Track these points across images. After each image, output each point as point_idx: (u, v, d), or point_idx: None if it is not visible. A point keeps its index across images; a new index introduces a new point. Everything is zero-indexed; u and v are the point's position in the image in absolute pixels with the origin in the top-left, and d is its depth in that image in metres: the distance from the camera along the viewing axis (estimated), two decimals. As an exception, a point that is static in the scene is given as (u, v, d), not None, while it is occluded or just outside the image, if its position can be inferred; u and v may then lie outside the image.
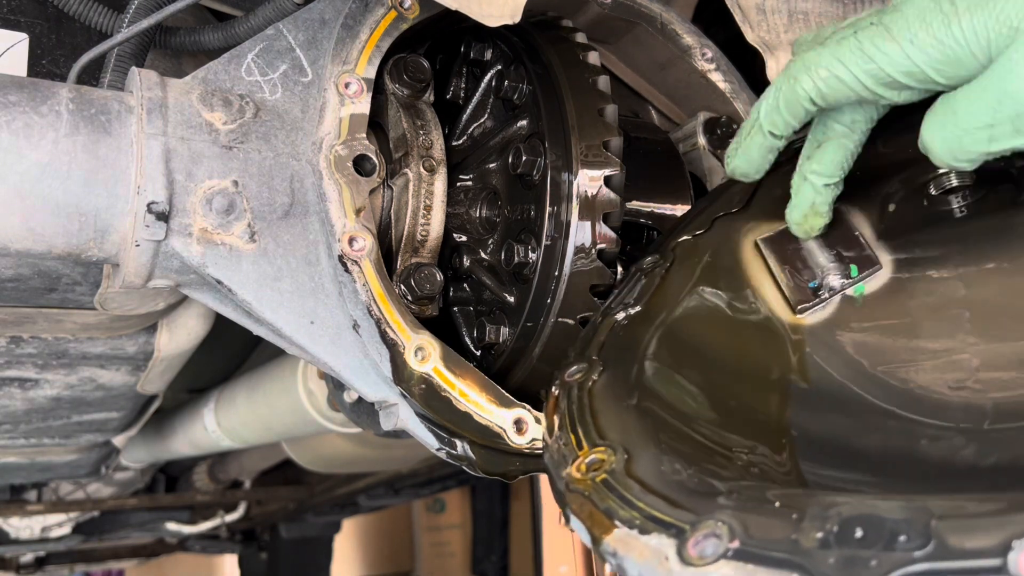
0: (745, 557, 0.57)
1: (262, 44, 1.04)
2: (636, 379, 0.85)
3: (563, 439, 0.80)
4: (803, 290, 0.89)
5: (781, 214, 0.92)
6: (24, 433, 2.17)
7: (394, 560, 6.45)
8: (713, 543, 0.59)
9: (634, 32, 1.30)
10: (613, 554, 0.65)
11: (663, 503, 0.66)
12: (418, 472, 3.54)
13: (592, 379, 0.86)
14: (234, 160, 0.98)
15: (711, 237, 0.98)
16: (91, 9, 1.14)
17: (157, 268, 0.97)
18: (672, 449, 0.74)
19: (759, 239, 0.94)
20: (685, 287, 0.94)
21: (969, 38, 0.71)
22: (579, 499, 0.71)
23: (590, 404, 0.83)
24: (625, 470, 0.71)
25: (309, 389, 2.21)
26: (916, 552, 0.51)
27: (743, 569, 0.56)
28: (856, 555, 0.53)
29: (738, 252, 0.95)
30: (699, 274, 0.95)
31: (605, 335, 0.93)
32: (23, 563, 4.12)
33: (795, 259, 0.91)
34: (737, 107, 1.32)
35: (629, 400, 0.82)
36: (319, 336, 1.01)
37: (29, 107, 0.91)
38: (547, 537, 5.12)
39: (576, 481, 0.73)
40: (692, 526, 0.62)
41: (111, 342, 1.67)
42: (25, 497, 3.48)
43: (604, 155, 1.06)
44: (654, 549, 0.62)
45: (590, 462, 0.75)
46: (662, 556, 0.61)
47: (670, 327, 0.90)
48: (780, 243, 0.93)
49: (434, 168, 1.08)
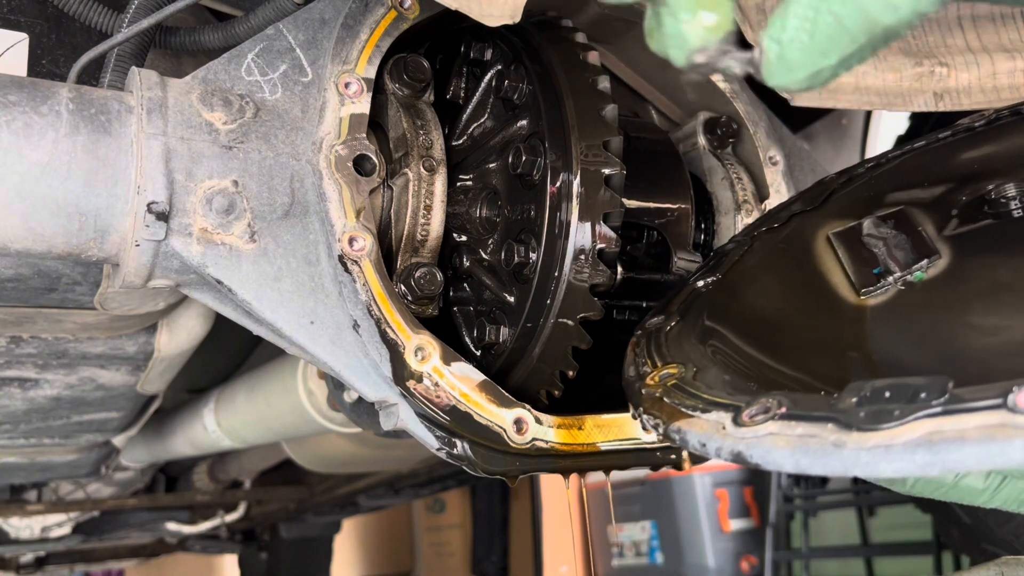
0: (789, 417, 0.69)
1: (262, 44, 1.04)
2: (706, 328, 0.97)
3: (641, 361, 0.92)
4: (867, 275, 0.98)
5: (851, 214, 1.04)
6: (24, 433, 2.17)
7: (394, 560, 6.44)
8: (764, 412, 0.71)
9: (634, 32, 1.30)
10: (677, 431, 0.78)
11: (724, 394, 0.79)
12: (418, 472, 3.54)
13: (669, 326, 0.98)
14: (234, 160, 0.98)
15: (788, 229, 1.09)
16: (91, 9, 1.14)
17: (157, 268, 0.97)
18: (734, 370, 0.86)
19: (831, 233, 1.05)
20: (760, 266, 1.06)
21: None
22: (652, 399, 0.84)
23: (665, 340, 0.96)
24: (693, 378, 0.85)
25: (309, 389, 2.21)
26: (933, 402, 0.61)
27: (787, 425, 0.68)
28: (883, 408, 0.63)
29: (811, 242, 1.06)
30: (774, 257, 1.07)
31: (684, 296, 1.04)
32: (23, 563, 4.12)
33: (862, 250, 1.01)
34: (737, 107, 1.32)
35: (699, 342, 0.95)
36: (319, 336, 1.01)
37: (29, 107, 0.91)
38: (547, 537, 5.11)
39: (651, 387, 0.86)
40: (747, 403, 0.74)
41: (111, 342, 1.67)
42: (25, 497, 3.48)
43: (604, 155, 1.06)
44: (713, 422, 0.75)
45: (663, 375, 0.88)
46: (720, 426, 0.74)
47: (741, 295, 1.02)
48: (849, 237, 1.04)
49: (434, 168, 1.08)
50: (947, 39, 1.29)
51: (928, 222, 1.01)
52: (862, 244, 1.02)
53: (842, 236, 1.03)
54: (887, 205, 1.04)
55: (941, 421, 0.60)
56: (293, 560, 4.63)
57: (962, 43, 1.29)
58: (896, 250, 0.98)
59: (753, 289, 1.03)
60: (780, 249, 1.07)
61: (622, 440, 1.11)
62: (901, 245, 0.99)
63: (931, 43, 1.29)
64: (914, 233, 1.00)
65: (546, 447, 1.06)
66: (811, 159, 1.47)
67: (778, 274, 1.05)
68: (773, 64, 0.56)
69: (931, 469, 0.58)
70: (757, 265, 1.06)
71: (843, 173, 1.12)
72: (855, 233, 1.03)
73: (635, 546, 4.57)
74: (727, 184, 1.29)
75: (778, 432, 0.68)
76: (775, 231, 1.09)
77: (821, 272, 1.01)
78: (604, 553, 4.80)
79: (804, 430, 0.67)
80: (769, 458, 0.68)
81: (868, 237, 1.02)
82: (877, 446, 0.61)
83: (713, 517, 4.23)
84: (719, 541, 4.20)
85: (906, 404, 0.62)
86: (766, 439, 0.69)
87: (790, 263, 1.05)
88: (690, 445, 0.77)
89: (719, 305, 1.01)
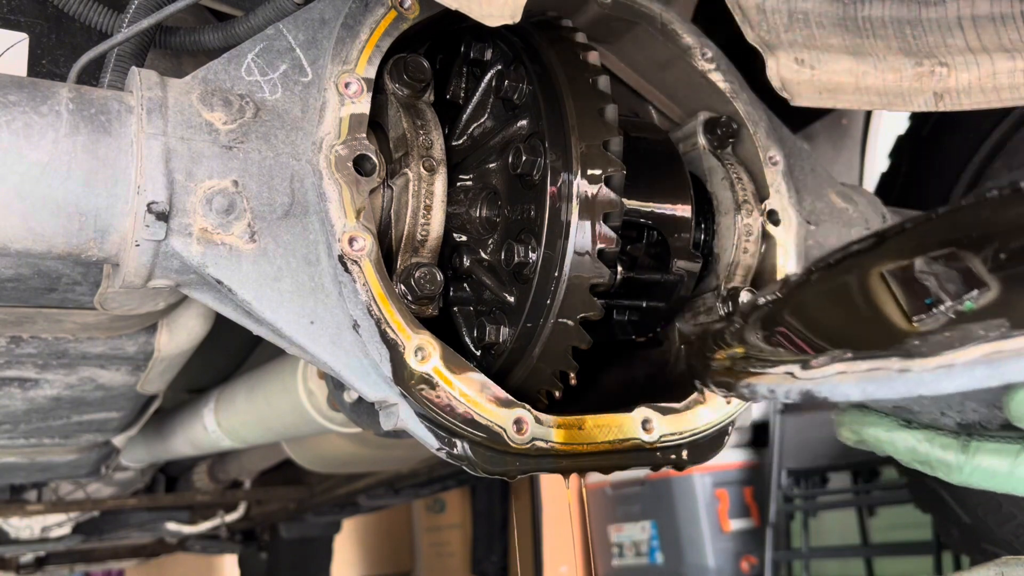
0: (855, 358, 0.74)
1: (262, 44, 1.04)
2: (766, 331, 1.05)
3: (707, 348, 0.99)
4: (919, 304, 1.05)
5: (904, 255, 1.12)
6: (24, 433, 2.17)
7: (394, 560, 6.45)
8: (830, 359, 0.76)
9: (634, 32, 1.30)
10: (746, 386, 0.83)
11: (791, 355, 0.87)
12: (418, 472, 3.54)
13: (733, 327, 1.06)
14: (234, 160, 0.98)
15: (843, 266, 1.18)
16: (91, 9, 1.14)
17: (157, 268, 0.97)
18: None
19: (884, 270, 1.12)
20: (817, 293, 1.14)
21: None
22: (720, 370, 0.91)
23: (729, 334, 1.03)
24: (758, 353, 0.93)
25: (309, 389, 2.21)
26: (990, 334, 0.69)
27: (853, 364, 0.73)
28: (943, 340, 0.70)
29: (865, 278, 1.14)
30: (830, 288, 1.15)
31: (745, 307, 1.12)
32: (23, 563, 4.12)
33: (914, 283, 1.08)
34: (737, 107, 1.32)
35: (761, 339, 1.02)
36: (319, 336, 1.01)
37: (29, 107, 0.91)
38: (547, 537, 5.12)
39: (719, 360, 0.93)
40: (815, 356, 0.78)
41: (111, 342, 1.67)
42: (25, 497, 3.48)
43: (604, 155, 1.06)
44: (782, 373, 0.80)
45: (730, 354, 0.96)
46: (788, 374, 0.78)
47: (799, 312, 1.10)
48: (902, 272, 1.11)
49: (434, 168, 1.08)
50: (947, 39, 1.29)
51: (977, 261, 1.08)
52: (914, 278, 1.09)
53: (895, 272, 1.11)
54: (938, 247, 1.12)
55: (999, 344, 0.66)
56: (293, 560, 4.63)
57: (962, 43, 1.29)
58: (947, 283, 1.06)
59: (810, 310, 1.11)
60: (836, 281, 1.15)
61: (622, 440, 1.11)
62: (952, 279, 1.07)
63: (931, 43, 1.29)
64: (964, 269, 1.07)
65: (546, 447, 1.06)
66: (811, 159, 1.47)
67: (833, 301, 1.13)
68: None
69: (990, 381, 0.65)
70: (814, 292, 1.14)
71: (896, 224, 1.24)
72: (908, 269, 1.11)
73: (635, 546, 4.57)
74: (727, 184, 1.29)
75: (845, 370, 0.74)
76: (831, 267, 1.17)
77: (874, 302, 1.09)
78: (604, 553, 4.80)
79: (870, 365, 0.72)
80: (837, 391, 0.73)
81: (920, 272, 1.09)
82: (940, 366, 0.67)
83: (713, 517, 4.23)
84: (719, 541, 4.20)
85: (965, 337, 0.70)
86: (833, 377, 0.74)
87: (845, 293, 1.14)
88: (759, 395, 0.81)
89: (777, 318, 1.09)
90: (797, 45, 1.24)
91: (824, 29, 1.27)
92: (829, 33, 1.27)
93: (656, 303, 1.27)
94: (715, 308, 1.28)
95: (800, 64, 1.22)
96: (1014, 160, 2.34)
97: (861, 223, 1.48)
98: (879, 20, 1.29)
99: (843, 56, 1.25)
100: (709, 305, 1.29)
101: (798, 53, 1.23)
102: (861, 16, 1.29)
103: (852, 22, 1.29)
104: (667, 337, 1.38)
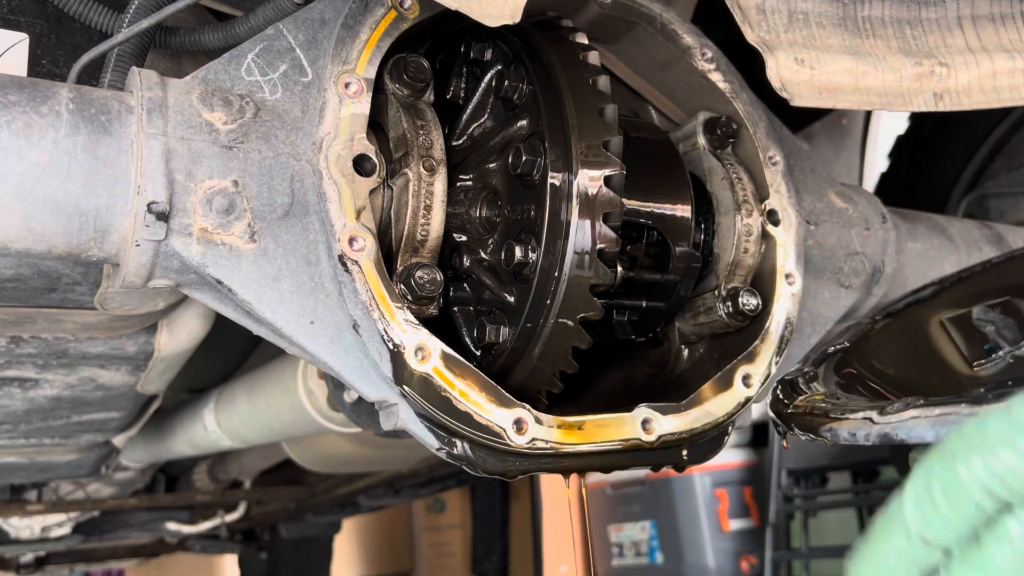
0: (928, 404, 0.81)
1: (262, 44, 1.04)
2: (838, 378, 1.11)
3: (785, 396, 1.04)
4: (979, 351, 1.11)
5: (962, 304, 1.21)
6: (24, 433, 2.17)
7: (394, 560, 6.45)
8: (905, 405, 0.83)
9: (634, 32, 1.30)
10: (828, 431, 0.90)
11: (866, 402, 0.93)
12: (418, 472, 3.54)
13: (806, 374, 1.11)
14: (234, 160, 0.98)
15: (905, 315, 1.25)
16: (91, 9, 1.14)
17: (157, 268, 0.97)
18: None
19: (944, 318, 1.20)
20: (882, 341, 1.21)
21: None
22: (800, 416, 0.98)
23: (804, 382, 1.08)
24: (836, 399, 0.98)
25: (309, 389, 2.21)
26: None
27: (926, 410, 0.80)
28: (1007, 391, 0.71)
29: (926, 326, 1.22)
30: (894, 336, 1.22)
31: (817, 356, 1.18)
32: (23, 563, 4.12)
33: (973, 331, 1.16)
34: (737, 107, 1.32)
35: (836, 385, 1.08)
36: (319, 336, 1.01)
37: (29, 107, 0.91)
38: (547, 537, 5.12)
39: (799, 406, 1.00)
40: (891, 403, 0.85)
41: (111, 342, 1.67)
42: (25, 497, 3.48)
43: (604, 155, 1.06)
44: (861, 418, 0.86)
45: (809, 400, 1.01)
46: (867, 419, 0.85)
47: (866, 360, 1.17)
48: (961, 321, 1.19)
49: (434, 168, 1.08)
50: (947, 39, 1.29)
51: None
52: (973, 326, 1.17)
53: (955, 320, 1.19)
54: (994, 296, 1.19)
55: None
56: (293, 560, 4.63)
57: (962, 43, 1.29)
58: (1005, 330, 1.14)
59: (877, 357, 1.18)
60: (899, 329, 1.23)
61: (623, 440, 1.11)
62: (1009, 326, 1.14)
63: (931, 43, 1.29)
64: (1020, 317, 1.14)
65: (546, 447, 1.06)
66: (811, 159, 1.47)
67: (898, 348, 1.20)
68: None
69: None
70: (879, 340, 1.21)
71: (953, 274, 1.32)
72: (966, 318, 1.18)
73: (635, 546, 4.57)
74: (727, 184, 1.29)
75: (919, 415, 0.81)
76: (893, 316, 1.25)
77: (936, 348, 1.18)
78: (604, 553, 4.80)
79: (941, 410, 0.79)
80: (913, 433, 0.80)
81: (978, 320, 1.16)
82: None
83: (713, 517, 4.23)
84: (719, 541, 4.20)
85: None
86: (909, 421, 0.81)
87: (908, 341, 1.21)
88: (841, 438, 0.89)
89: (848, 365, 1.15)
90: (797, 45, 1.24)
91: (824, 29, 1.27)
92: (829, 33, 1.27)
93: (656, 303, 1.27)
94: (715, 308, 1.28)
95: (800, 64, 1.22)
96: (1014, 160, 2.34)
97: (861, 223, 1.48)
98: (879, 20, 1.29)
99: (843, 56, 1.25)
100: (709, 305, 1.29)
101: (798, 53, 1.23)
102: (861, 16, 1.29)
103: (852, 22, 1.28)
104: (667, 337, 1.38)
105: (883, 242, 1.49)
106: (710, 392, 1.20)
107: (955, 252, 1.66)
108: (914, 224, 1.64)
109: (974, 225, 1.76)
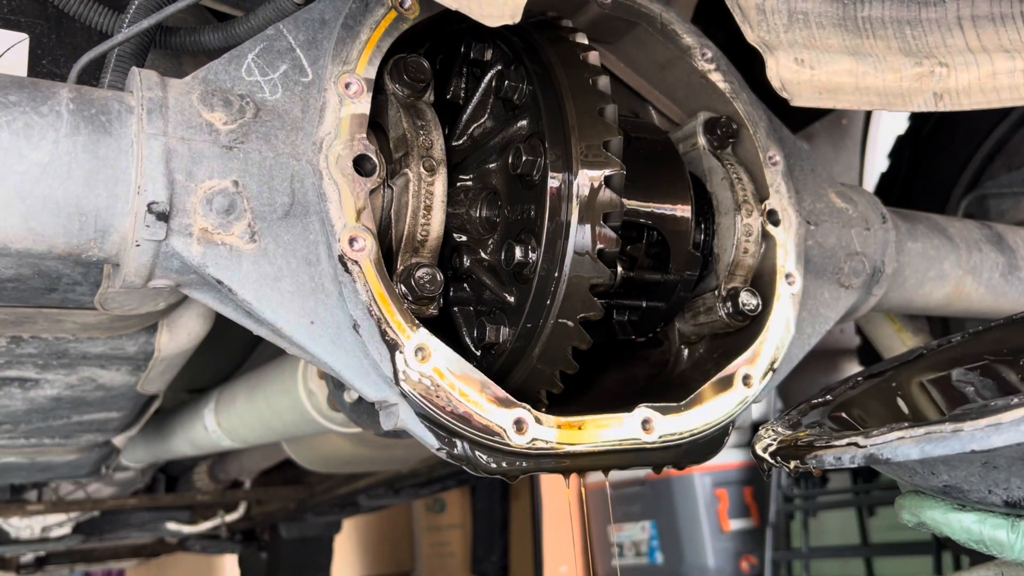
0: (912, 426, 0.84)
1: (262, 44, 1.04)
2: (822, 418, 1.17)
3: (772, 435, 1.07)
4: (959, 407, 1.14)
5: (942, 367, 1.25)
6: (24, 433, 2.17)
7: (394, 560, 6.45)
8: (889, 428, 0.86)
9: (634, 32, 1.30)
10: (814, 458, 0.93)
11: (850, 432, 0.94)
12: (418, 472, 3.54)
13: (791, 419, 1.16)
14: (234, 160, 0.98)
15: (886, 376, 1.30)
16: (91, 9, 1.14)
17: (157, 268, 0.97)
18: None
19: (924, 380, 1.24)
20: (863, 398, 1.25)
21: None
22: (786, 449, 1.01)
23: (789, 425, 1.13)
24: (820, 436, 1.00)
25: (309, 389, 2.21)
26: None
27: (910, 431, 0.83)
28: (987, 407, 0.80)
29: (907, 387, 1.26)
30: (875, 394, 1.26)
31: (800, 407, 1.22)
32: (23, 563, 4.13)
33: (953, 391, 1.21)
34: (737, 107, 1.32)
35: (818, 423, 1.14)
36: (319, 336, 1.01)
37: (29, 107, 0.91)
38: (547, 537, 5.12)
39: (785, 441, 1.03)
40: (876, 428, 0.88)
41: (111, 342, 1.68)
42: (25, 497, 3.48)
43: (604, 155, 1.06)
44: (846, 444, 0.89)
45: (794, 437, 1.04)
46: (852, 444, 0.88)
47: (849, 410, 1.21)
48: (941, 382, 1.24)
49: (434, 168, 1.08)
50: (947, 39, 1.29)
51: (1011, 372, 1.19)
52: (953, 387, 1.21)
53: (935, 381, 1.23)
54: (973, 360, 1.24)
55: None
56: (293, 560, 4.63)
57: (962, 43, 1.29)
58: (984, 390, 1.18)
59: (858, 412, 1.22)
60: (880, 389, 1.27)
61: (623, 440, 1.11)
62: (988, 387, 1.18)
63: (931, 43, 1.29)
64: (999, 379, 1.18)
65: (546, 447, 1.06)
66: (811, 159, 1.47)
67: (878, 406, 1.24)
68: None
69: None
70: (861, 398, 1.25)
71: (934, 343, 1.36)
72: (946, 379, 1.23)
73: (635, 546, 4.57)
74: (727, 184, 1.29)
75: (904, 435, 0.84)
76: (875, 377, 1.29)
77: (917, 407, 1.22)
78: (604, 553, 4.80)
79: (926, 429, 0.83)
80: (899, 452, 0.84)
81: (958, 382, 1.21)
82: (989, 425, 0.78)
83: (713, 517, 4.23)
84: (719, 541, 4.20)
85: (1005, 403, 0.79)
86: (895, 441, 0.85)
87: (890, 400, 1.25)
88: (826, 463, 0.92)
89: (830, 413, 1.19)
90: (797, 45, 1.24)
91: (824, 29, 1.27)
92: (829, 33, 1.27)
93: (656, 303, 1.27)
94: (715, 308, 1.28)
95: (800, 64, 1.22)
96: (1014, 160, 2.34)
97: (861, 223, 1.48)
98: (879, 20, 1.29)
99: (843, 56, 1.25)
100: (709, 305, 1.29)
101: (798, 53, 1.23)
102: (861, 16, 1.29)
103: (852, 22, 1.28)
104: (667, 337, 1.38)
105: (883, 242, 1.49)
106: (710, 392, 1.20)
107: (955, 252, 1.65)
108: (914, 224, 1.64)
109: (974, 225, 1.76)
